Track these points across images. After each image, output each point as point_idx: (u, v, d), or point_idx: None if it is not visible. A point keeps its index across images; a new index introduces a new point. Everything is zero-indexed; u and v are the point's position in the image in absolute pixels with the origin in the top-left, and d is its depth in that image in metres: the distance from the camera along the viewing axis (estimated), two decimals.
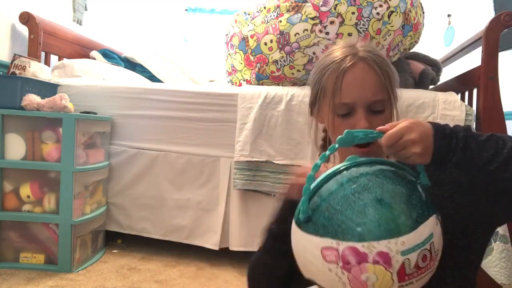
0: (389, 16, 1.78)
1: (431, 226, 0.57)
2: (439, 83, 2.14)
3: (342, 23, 1.77)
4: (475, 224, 0.69)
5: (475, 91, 1.75)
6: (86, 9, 2.85)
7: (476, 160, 0.59)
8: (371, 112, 0.74)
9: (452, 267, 0.69)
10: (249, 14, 2.02)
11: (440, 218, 0.60)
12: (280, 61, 1.87)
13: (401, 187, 0.58)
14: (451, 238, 0.68)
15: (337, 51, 0.78)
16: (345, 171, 0.61)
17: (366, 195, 0.56)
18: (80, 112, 1.78)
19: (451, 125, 0.64)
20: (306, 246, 0.59)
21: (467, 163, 0.60)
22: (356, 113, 0.74)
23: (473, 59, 1.79)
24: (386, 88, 0.75)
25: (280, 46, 1.84)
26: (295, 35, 1.81)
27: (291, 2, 1.84)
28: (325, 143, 0.87)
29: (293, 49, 1.83)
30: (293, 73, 1.90)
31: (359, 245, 0.53)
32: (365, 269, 0.53)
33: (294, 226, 0.62)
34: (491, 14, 2.44)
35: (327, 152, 0.61)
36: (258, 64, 1.92)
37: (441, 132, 0.60)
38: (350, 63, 0.75)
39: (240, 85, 2.08)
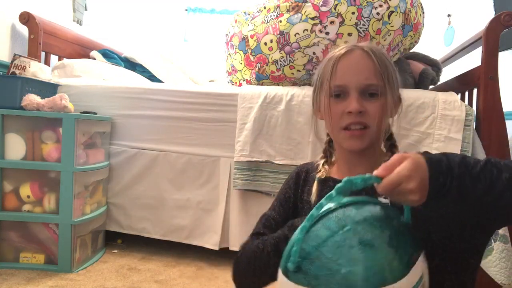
0: (389, 16, 1.78)
1: (421, 266, 0.56)
2: (439, 83, 2.14)
3: (342, 23, 1.77)
4: (474, 227, 0.68)
5: (475, 91, 1.75)
6: (86, 9, 2.85)
7: (471, 194, 0.58)
8: (365, 96, 0.76)
9: (450, 271, 0.68)
10: (249, 14, 2.02)
11: (424, 253, 0.58)
12: (280, 61, 1.87)
13: (389, 230, 0.56)
14: (449, 242, 0.68)
15: (336, 48, 0.81)
16: (332, 214, 0.58)
17: (357, 242, 0.54)
18: (80, 112, 1.78)
19: (447, 152, 0.63)
20: None
21: (461, 199, 0.59)
22: (349, 96, 0.76)
23: (473, 59, 1.79)
24: (381, 75, 0.76)
25: (280, 46, 1.84)
26: (295, 35, 1.81)
27: (291, 2, 1.84)
28: (328, 147, 0.88)
29: (293, 49, 1.83)
30: (293, 73, 1.90)
31: None
32: None
33: (280, 275, 0.59)
34: (491, 14, 2.44)
35: (323, 201, 0.58)
36: (258, 64, 1.92)
37: (437, 171, 0.58)
38: (346, 50, 0.78)
39: (240, 85, 2.08)
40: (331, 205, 0.59)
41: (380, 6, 1.76)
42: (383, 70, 0.77)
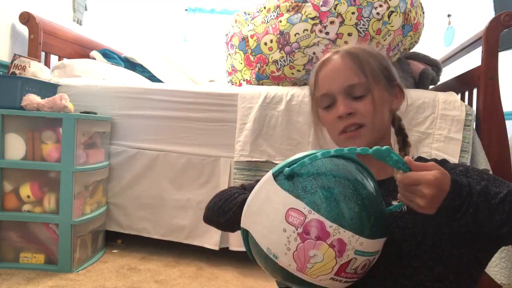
0: (389, 16, 1.78)
1: (381, 245, 0.60)
2: (439, 83, 2.14)
3: (342, 23, 1.77)
4: (484, 242, 0.68)
5: (475, 91, 1.75)
6: (86, 9, 2.85)
7: (487, 224, 0.58)
8: (351, 96, 0.76)
9: (452, 280, 0.68)
10: (249, 14, 2.02)
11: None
12: (280, 61, 1.87)
13: (379, 204, 0.61)
14: (457, 253, 0.68)
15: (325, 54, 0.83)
16: (341, 159, 0.63)
17: (355, 188, 0.57)
18: (80, 112, 1.78)
19: (471, 179, 0.64)
20: (271, 198, 0.59)
21: (477, 226, 0.59)
22: (337, 102, 0.77)
23: (473, 59, 1.79)
24: (363, 72, 0.76)
25: (280, 46, 1.84)
26: (295, 35, 1.81)
27: (291, 2, 1.84)
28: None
29: (293, 49, 1.83)
30: (293, 73, 1.90)
31: (328, 223, 0.53)
32: (318, 246, 0.53)
33: (268, 176, 0.62)
34: (491, 14, 2.44)
35: (359, 149, 0.60)
36: (258, 64, 1.92)
37: (456, 193, 0.58)
38: (324, 59, 0.80)
39: (240, 85, 2.08)
40: (340, 152, 0.61)
41: (380, 6, 1.76)
42: (364, 66, 0.76)
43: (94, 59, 2.51)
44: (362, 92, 0.76)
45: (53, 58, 2.34)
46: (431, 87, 2.10)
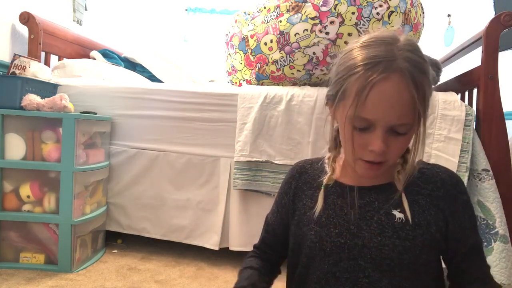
0: (389, 16, 1.78)
1: None
2: (439, 83, 2.14)
3: (342, 23, 1.77)
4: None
5: (475, 91, 1.75)
6: (86, 9, 2.85)
7: None
8: (392, 132, 0.66)
9: None
10: (249, 14, 2.02)
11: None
12: (280, 61, 1.87)
13: None
14: (437, 264, 0.73)
15: (372, 49, 0.66)
16: None
17: None
18: (80, 112, 1.78)
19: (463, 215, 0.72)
20: None
21: None
22: (375, 131, 0.66)
23: (473, 59, 1.79)
24: (417, 110, 0.65)
25: (280, 46, 1.84)
26: (295, 35, 1.81)
27: (291, 2, 1.84)
28: (335, 144, 0.81)
29: (293, 49, 1.83)
30: (293, 73, 1.90)
31: None
32: None
33: None
34: (491, 14, 2.44)
35: None
36: (258, 64, 1.92)
37: None
38: (381, 76, 0.63)
39: (240, 85, 2.08)
40: None
41: (380, 6, 1.76)
42: (420, 102, 0.65)
43: (94, 59, 2.51)
44: (405, 131, 0.67)
45: (53, 58, 2.34)
46: None
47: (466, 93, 1.86)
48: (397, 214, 0.70)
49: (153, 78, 2.59)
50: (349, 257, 0.70)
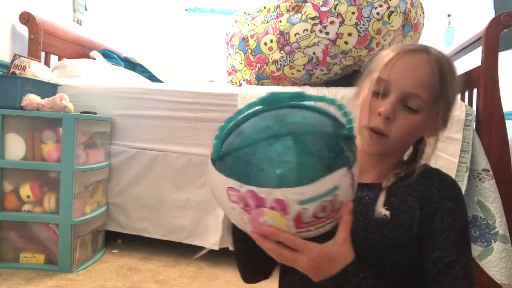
0: (389, 16, 1.78)
1: (337, 178, 0.54)
2: None
3: (342, 23, 1.77)
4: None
5: (475, 91, 1.75)
6: (86, 9, 2.85)
7: None
8: (403, 106, 0.68)
9: None
10: (249, 14, 2.02)
11: (353, 171, 0.57)
12: (280, 61, 1.87)
13: (314, 137, 0.56)
14: (419, 264, 0.68)
15: (406, 45, 0.73)
16: (264, 113, 0.60)
17: (276, 143, 0.55)
18: (80, 112, 1.78)
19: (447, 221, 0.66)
20: (216, 184, 0.60)
21: None
22: (388, 97, 0.68)
23: (473, 59, 1.79)
24: (432, 90, 0.67)
25: (280, 46, 1.84)
26: (295, 35, 1.81)
27: (291, 2, 1.84)
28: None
29: (293, 49, 1.83)
30: (293, 73, 1.90)
31: (257, 190, 0.53)
32: (263, 213, 0.54)
33: (209, 162, 0.62)
34: (491, 14, 2.44)
35: (243, 108, 0.59)
36: (258, 64, 1.92)
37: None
38: (410, 50, 0.70)
39: (240, 85, 2.08)
40: (266, 106, 0.60)
41: (380, 6, 1.76)
42: (437, 85, 0.67)
43: (94, 59, 2.51)
44: (415, 107, 0.68)
45: (53, 58, 2.34)
46: None
47: (466, 93, 1.85)
48: (383, 211, 0.69)
49: (153, 78, 2.59)
50: None
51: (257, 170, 0.54)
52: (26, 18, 2.07)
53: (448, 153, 1.61)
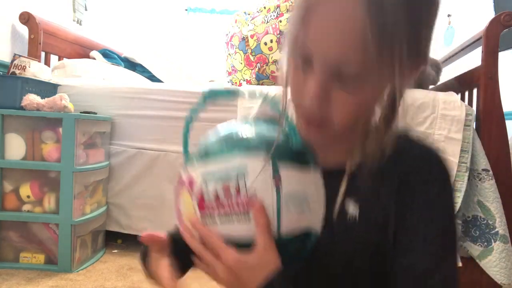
0: None
1: (248, 161, 0.48)
2: (439, 83, 2.14)
3: None
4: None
5: (475, 91, 1.75)
6: (86, 9, 2.85)
7: None
8: (338, 80, 0.46)
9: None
10: (249, 14, 2.02)
11: (280, 167, 0.48)
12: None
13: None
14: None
15: None
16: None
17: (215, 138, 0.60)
18: (80, 112, 1.78)
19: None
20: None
21: None
22: (313, 71, 0.47)
23: (473, 59, 1.79)
24: (376, 44, 0.42)
25: (280, 46, 1.84)
26: None
27: (291, 2, 1.84)
28: None
29: None
30: None
31: (183, 173, 0.55)
32: (180, 195, 0.55)
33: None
34: (491, 14, 2.44)
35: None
36: (258, 64, 1.92)
37: None
38: None
39: (240, 85, 2.08)
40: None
41: None
42: (381, 30, 0.41)
43: (94, 59, 2.51)
44: (354, 76, 0.45)
45: (53, 58, 2.34)
46: (431, 87, 2.10)
47: (466, 93, 1.85)
48: (350, 209, 0.54)
49: (153, 78, 2.59)
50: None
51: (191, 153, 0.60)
52: (26, 18, 2.07)
53: (448, 153, 1.61)
